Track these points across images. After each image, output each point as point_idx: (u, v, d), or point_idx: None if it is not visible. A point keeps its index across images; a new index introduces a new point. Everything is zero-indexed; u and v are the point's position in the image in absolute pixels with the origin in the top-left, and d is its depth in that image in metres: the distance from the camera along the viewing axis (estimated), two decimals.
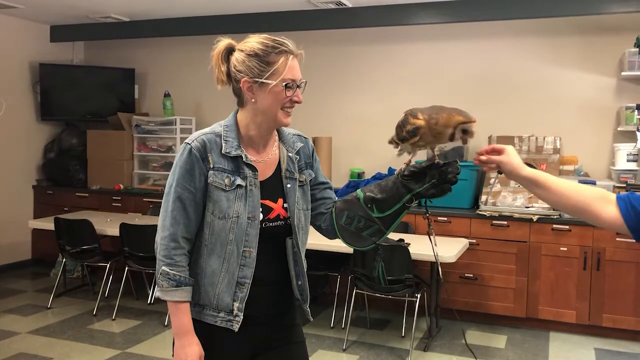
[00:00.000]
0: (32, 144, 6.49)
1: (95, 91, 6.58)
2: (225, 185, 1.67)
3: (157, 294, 1.69)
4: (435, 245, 2.02)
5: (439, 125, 1.65)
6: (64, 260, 5.25)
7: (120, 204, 6.03)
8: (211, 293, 1.70)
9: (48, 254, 6.11)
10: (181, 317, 1.67)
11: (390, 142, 1.86)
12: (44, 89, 6.39)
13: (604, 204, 1.50)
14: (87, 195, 6.23)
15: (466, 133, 1.65)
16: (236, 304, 1.69)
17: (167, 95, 6.29)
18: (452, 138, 1.65)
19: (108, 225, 4.98)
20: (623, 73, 4.76)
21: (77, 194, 6.26)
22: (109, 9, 5.73)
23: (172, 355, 1.73)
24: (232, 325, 1.69)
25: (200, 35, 5.90)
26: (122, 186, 6.15)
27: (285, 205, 1.77)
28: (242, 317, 1.69)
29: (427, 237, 4.37)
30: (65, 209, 6.06)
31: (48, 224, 5.10)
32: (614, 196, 1.51)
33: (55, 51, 6.67)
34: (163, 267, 1.66)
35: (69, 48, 6.85)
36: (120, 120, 6.26)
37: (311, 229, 1.92)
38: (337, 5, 5.27)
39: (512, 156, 1.60)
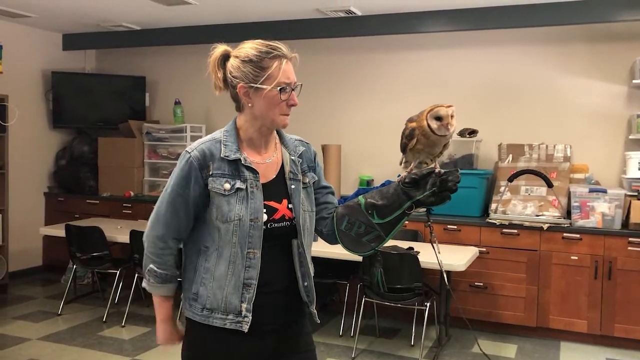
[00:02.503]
0: (43, 151, 6.54)
1: (107, 99, 6.63)
2: (224, 190, 1.70)
3: (144, 285, 1.84)
4: (439, 252, 2.02)
5: (420, 120, 1.69)
6: (74, 266, 5.28)
7: (130, 211, 6.06)
8: (219, 296, 1.71)
9: (59, 261, 6.15)
10: (164, 307, 1.87)
11: (401, 162, 1.89)
12: (56, 96, 6.45)
13: None
14: (97, 202, 6.27)
15: (440, 119, 1.66)
16: (244, 305, 1.70)
17: (177, 103, 6.33)
18: (432, 130, 1.68)
19: (118, 232, 5.01)
20: (634, 81, 4.74)
21: (87, 200, 6.30)
22: (121, 18, 5.79)
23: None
24: (241, 326, 1.70)
25: (210, 43, 5.91)
26: (132, 193, 6.19)
27: (290, 206, 1.78)
28: (250, 317, 1.70)
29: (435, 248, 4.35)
30: (76, 215, 6.10)
31: (59, 231, 5.14)
32: None
33: (68, 59, 6.74)
34: (151, 265, 1.78)
35: (81, 56, 6.92)
36: (131, 127, 6.30)
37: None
38: (347, 14, 5.29)
39: None
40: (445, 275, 3.63)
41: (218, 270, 1.72)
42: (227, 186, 1.70)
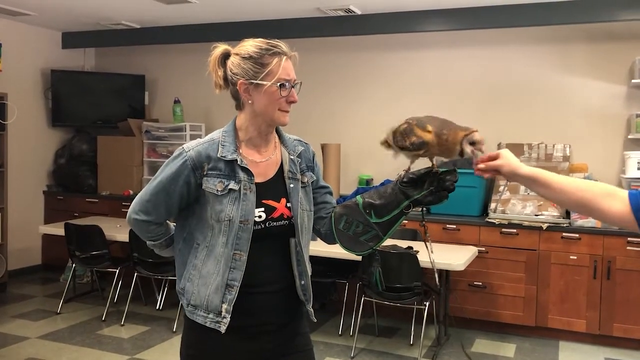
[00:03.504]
0: (43, 149, 6.54)
1: (106, 97, 6.62)
2: (217, 190, 1.72)
3: (154, 250, 1.95)
4: (432, 252, 2.03)
5: (449, 143, 1.66)
6: (73, 265, 5.27)
7: None
8: (203, 293, 1.74)
9: (58, 259, 6.15)
10: None
11: (383, 143, 1.88)
12: (56, 95, 6.44)
13: (610, 199, 1.48)
14: (97, 200, 6.26)
15: (474, 144, 1.64)
16: (224, 306, 1.71)
17: (177, 101, 6.33)
18: (462, 154, 1.65)
19: (117, 230, 5.01)
20: (633, 81, 4.74)
21: (87, 199, 6.30)
22: (120, 16, 5.78)
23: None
24: (219, 326, 1.72)
25: (210, 42, 5.90)
26: (131, 192, 6.18)
27: (289, 204, 1.79)
28: (229, 318, 1.71)
29: (437, 245, 4.35)
30: (75, 214, 6.10)
31: (58, 230, 5.13)
32: (621, 191, 1.48)
33: (67, 58, 6.73)
34: (149, 242, 1.91)
35: (80, 54, 6.91)
36: (131, 126, 6.30)
37: None
38: (347, 13, 5.29)
39: (509, 158, 1.59)
40: (437, 275, 3.63)
41: (205, 267, 1.74)
42: (220, 187, 1.72)
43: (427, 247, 2.00)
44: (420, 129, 1.71)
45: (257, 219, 1.73)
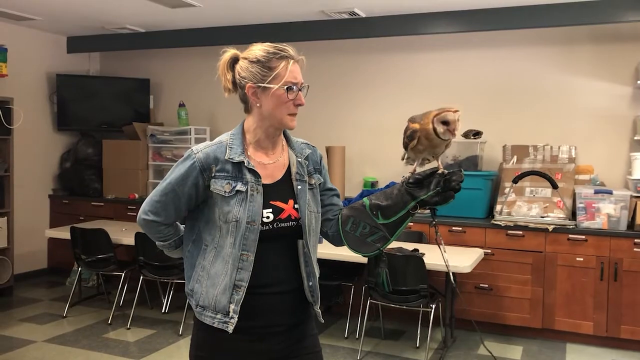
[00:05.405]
0: (48, 153, 6.56)
1: (111, 101, 6.64)
2: (225, 191, 1.74)
3: (164, 251, 1.95)
4: (445, 252, 2.04)
5: (424, 123, 1.72)
6: (79, 269, 5.28)
7: (135, 213, 6.02)
8: (211, 294, 1.75)
9: (64, 263, 6.16)
10: None
11: (403, 158, 1.93)
12: (61, 99, 6.46)
13: None
14: (102, 204, 6.28)
15: (446, 123, 1.68)
16: (232, 306, 1.73)
17: (181, 105, 6.34)
18: (437, 133, 1.70)
19: (123, 234, 5.02)
20: (639, 82, 4.72)
21: (92, 203, 6.31)
22: (125, 20, 5.80)
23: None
24: (227, 326, 1.73)
25: (215, 45, 5.93)
26: (137, 195, 6.20)
27: (296, 206, 1.80)
28: (237, 319, 1.73)
29: (441, 247, 4.35)
30: (80, 218, 6.12)
31: (64, 233, 5.15)
32: None
33: (72, 62, 6.75)
34: (158, 243, 1.91)
35: (85, 59, 6.93)
36: (136, 130, 6.31)
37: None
38: (351, 16, 5.29)
39: None
40: (452, 275, 3.62)
41: (213, 268, 1.75)
42: (228, 188, 1.74)
43: (440, 247, 2.01)
44: (411, 122, 1.79)
45: (265, 220, 1.74)
